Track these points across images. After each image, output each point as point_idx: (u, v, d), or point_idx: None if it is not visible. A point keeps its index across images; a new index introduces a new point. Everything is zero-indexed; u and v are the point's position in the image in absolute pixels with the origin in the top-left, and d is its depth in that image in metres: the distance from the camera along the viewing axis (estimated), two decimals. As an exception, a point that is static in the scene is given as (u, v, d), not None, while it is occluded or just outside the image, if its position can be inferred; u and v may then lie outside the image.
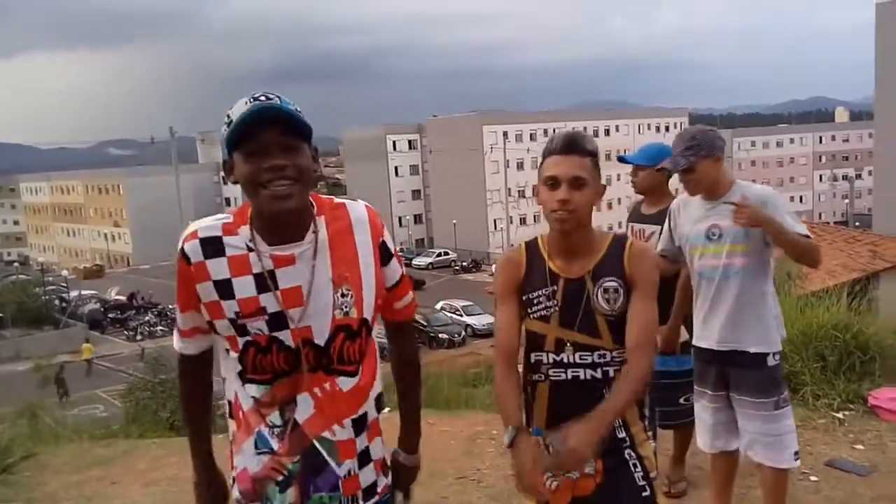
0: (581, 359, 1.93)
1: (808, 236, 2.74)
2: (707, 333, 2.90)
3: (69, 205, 79.29)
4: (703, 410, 3.01)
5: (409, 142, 68.67)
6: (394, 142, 67.48)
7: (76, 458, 4.93)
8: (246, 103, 1.51)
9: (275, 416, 1.63)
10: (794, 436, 2.87)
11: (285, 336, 1.59)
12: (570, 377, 1.94)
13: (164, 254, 58.33)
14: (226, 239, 1.59)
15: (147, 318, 37.81)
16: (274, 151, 1.50)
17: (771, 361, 2.81)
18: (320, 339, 1.61)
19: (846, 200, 51.40)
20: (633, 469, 1.95)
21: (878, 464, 3.83)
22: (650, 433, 2.06)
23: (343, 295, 1.61)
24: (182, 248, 1.60)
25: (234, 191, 70.07)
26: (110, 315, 39.51)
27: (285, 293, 1.58)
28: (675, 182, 3.56)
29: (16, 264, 71.15)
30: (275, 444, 1.64)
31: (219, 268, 1.58)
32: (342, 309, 1.61)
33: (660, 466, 3.54)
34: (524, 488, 1.80)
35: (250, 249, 1.59)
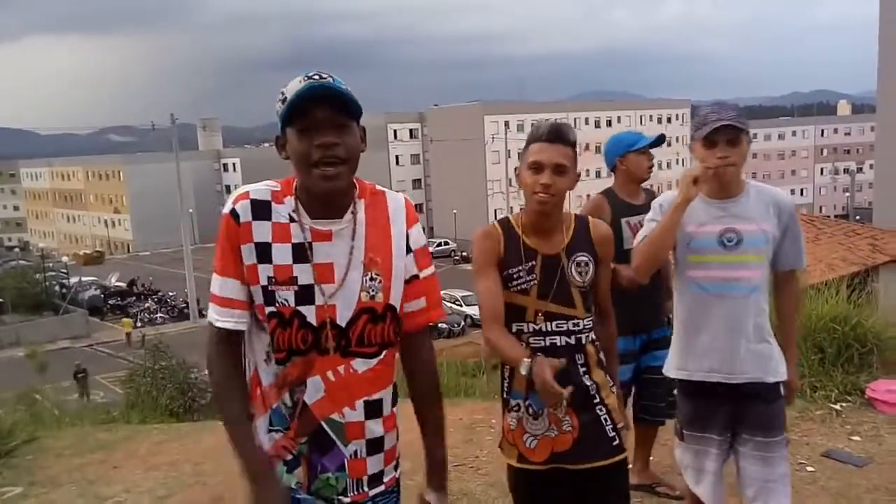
0: (557, 327, 2.12)
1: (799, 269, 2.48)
2: (721, 364, 2.37)
3: (69, 191, 79.20)
4: (711, 460, 2.45)
5: (411, 131, 68.51)
6: (395, 131, 67.31)
7: (78, 442, 4.96)
8: (300, 81, 1.56)
9: (286, 397, 1.66)
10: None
11: (309, 312, 1.61)
12: (548, 344, 2.12)
13: (165, 241, 58.52)
14: (273, 206, 1.64)
15: (147, 304, 37.85)
16: (325, 129, 1.55)
17: (782, 390, 2.43)
18: (342, 320, 1.63)
19: (847, 194, 51.39)
20: (604, 423, 2.15)
21: (875, 455, 3.86)
22: (613, 387, 2.20)
23: (371, 279, 1.65)
24: (233, 208, 1.62)
25: (235, 178, 70.00)
26: (110, 301, 39.52)
27: (318, 267, 1.62)
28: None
29: (16, 250, 71.19)
30: (288, 422, 1.67)
31: (262, 231, 1.62)
32: (369, 292, 1.64)
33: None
34: (551, 396, 1.93)
35: (292, 220, 1.63)
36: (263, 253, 1.61)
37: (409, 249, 1.71)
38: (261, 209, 1.62)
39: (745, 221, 2.35)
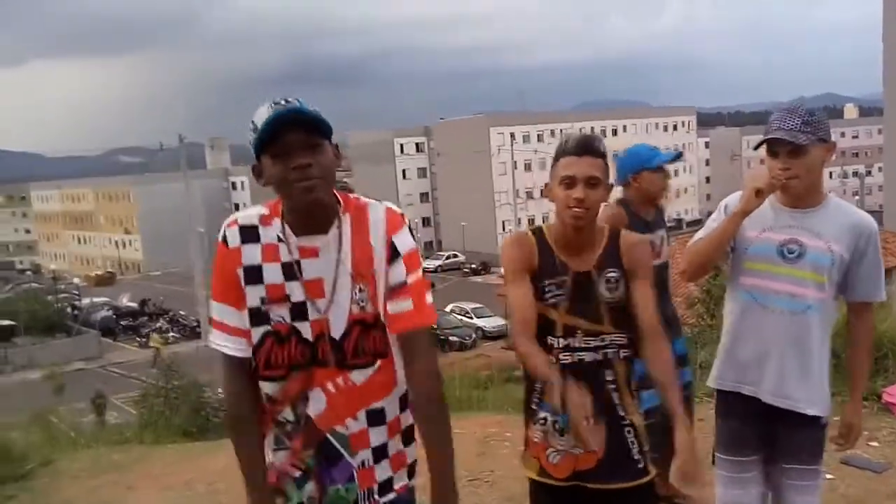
0: (586, 343, 2.08)
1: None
2: (753, 378, 2.24)
3: (79, 212, 79.79)
4: (745, 490, 2.28)
5: (417, 145, 68.72)
6: (401, 145, 67.56)
7: (92, 463, 4.98)
8: (268, 108, 1.60)
9: (287, 413, 1.70)
10: None
11: (304, 327, 1.67)
12: (576, 360, 2.08)
13: (175, 260, 58.71)
14: (261, 229, 1.70)
15: (159, 324, 37.96)
16: (298, 152, 1.59)
17: (824, 421, 2.26)
18: (336, 333, 1.68)
19: (856, 197, 51.05)
20: (630, 445, 2.10)
21: (894, 460, 3.82)
22: (638, 403, 2.17)
23: (360, 290, 1.68)
24: (223, 234, 1.69)
25: (243, 196, 70.35)
26: (122, 322, 39.64)
27: (308, 284, 1.67)
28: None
29: (28, 272, 71.68)
30: (287, 442, 1.72)
31: (252, 253, 1.68)
32: (359, 304, 1.68)
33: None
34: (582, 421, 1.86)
35: (280, 240, 1.68)
36: (254, 275, 1.67)
37: (396, 254, 1.69)
38: (249, 233, 1.69)
39: (812, 236, 2.16)
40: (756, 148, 2.28)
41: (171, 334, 35.92)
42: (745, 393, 2.27)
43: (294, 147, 1.58)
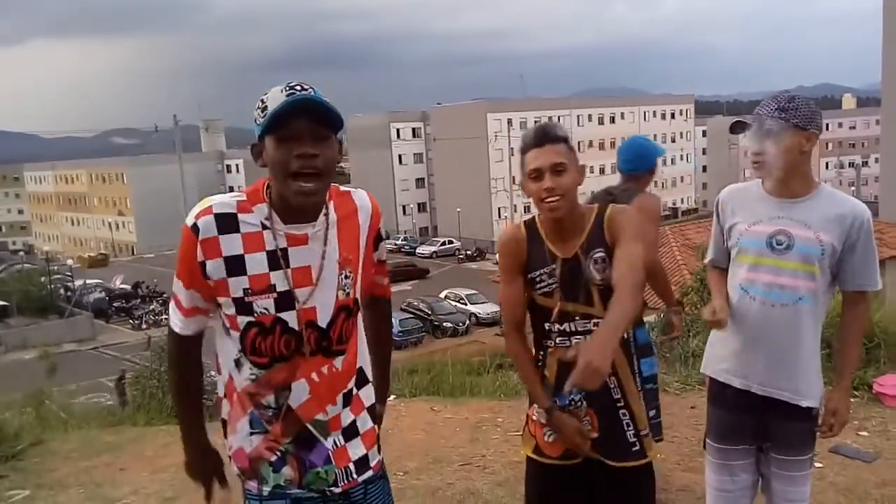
0: (581, 327, 2.11)
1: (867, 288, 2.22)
2: (744, 370, 2.25)
3: (73, 194, 79.44)
4: (735, 477, 2.31)
5: (413, 130, 68.47)
6: (398, 130, 67.29)
7: (85, 444, 4.97)
8: (282, 91, 1.57)
9: (270, 399, 1.68)
10: None
11: (290, 317, 1.63)
12: (573, 343, 2.11)
13: (169, 242, 58.58)
14: (240, 216, 1.64)
15: (152, 306, 37.91)
16: (305, 140, 1.56)
17: (816, 412, 2.26)
18: (323, 321, 1.66)
19: (853, 188, 51.16)
20: (626, 427, 2.13)
21: (883, 450, 3.84)
22: (641, 391, 2.21)
23: (346, 276, 1.69)
24: (194, 223, 1.61)
25: (238, 179, 70.11)
26: (115, 304, 39.60)
27: (296, 272, 1.63)
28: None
29: (21, 253, 71.38)
30: (267, 427, 1.70)
31: (232, 244, 1.61)
32: (344, 290, 1.69)
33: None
34: (578, 445, 2.08)
35: (265, 227, 1.63)
36: (235, 266, 1.62)
37: (380, 238, 1.83)
38: (226, 222, 1.62)
39: (801, 226, 2.14)
40: (732, 131, 2.25)
41: (164, 317, 35.85)
42: (736, 385, 2.27)
43: (302, 134, 1.55)
